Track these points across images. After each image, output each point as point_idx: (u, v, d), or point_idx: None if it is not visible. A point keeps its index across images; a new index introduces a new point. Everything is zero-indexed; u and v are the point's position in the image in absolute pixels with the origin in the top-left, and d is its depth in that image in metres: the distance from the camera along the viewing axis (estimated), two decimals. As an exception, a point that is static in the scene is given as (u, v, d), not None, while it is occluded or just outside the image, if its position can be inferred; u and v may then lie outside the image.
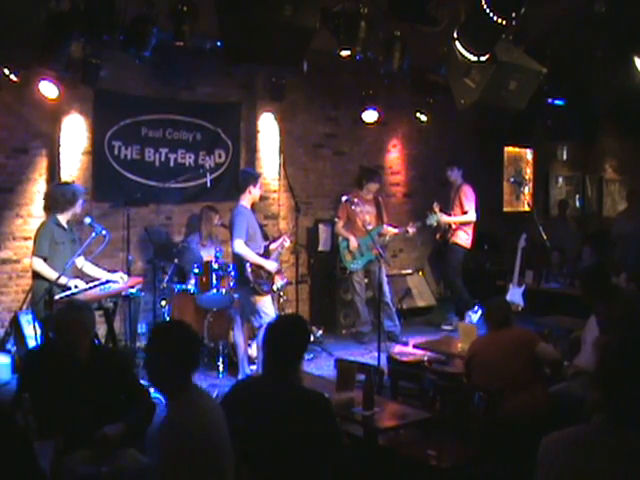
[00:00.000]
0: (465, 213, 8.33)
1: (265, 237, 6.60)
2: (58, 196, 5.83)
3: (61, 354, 3.78)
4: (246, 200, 6.34)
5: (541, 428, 3.43)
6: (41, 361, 3.87)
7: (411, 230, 8.05)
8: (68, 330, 3.75)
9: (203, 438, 2.86)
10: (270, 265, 6.30)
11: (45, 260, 5.63)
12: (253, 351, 6.61)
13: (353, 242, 8.10)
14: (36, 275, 5.69)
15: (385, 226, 8.11)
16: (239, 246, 6.14)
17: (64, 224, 5.83)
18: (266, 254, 6.38)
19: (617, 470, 2.36)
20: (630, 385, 2.43)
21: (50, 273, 5.58)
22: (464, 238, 8.37)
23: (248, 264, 6.16)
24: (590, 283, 5.09)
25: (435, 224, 8.17)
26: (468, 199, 8.32)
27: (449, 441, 4.17)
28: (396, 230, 8.13)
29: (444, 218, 8.31)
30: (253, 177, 6.46)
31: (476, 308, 8.29)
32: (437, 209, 8.30)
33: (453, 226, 8.41)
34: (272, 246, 6.52)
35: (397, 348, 7.57)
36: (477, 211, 8.39)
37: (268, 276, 6.33)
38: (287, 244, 6.84)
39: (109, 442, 3.45)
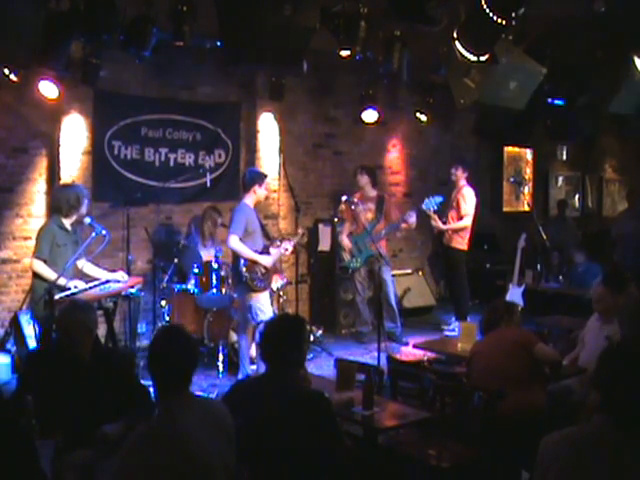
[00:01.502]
0: (461, 218, 8.25)
1: (267, 237, 6.58)
2: (62, 202, 5.79)
3: (63, 354, 3.79)
4: (250, 199, 6.35)
5: (540, 427, 3.44)
6: (42, 362, 3.87)
7: (410, 221, 7.81)
8: (72, 330, 3.77)
9: (178, 455, 2.69)
10: (264, 260, 6.28)
11: (45, 262, 5.62)
12: (253, 351, 6.61)
13: (345, 242, 8.11)
14: (36, 275, 5.69)
15: (379, 222, 8.03)
16: (233, 241, 6.14)
17: (67, 226, 5.80)
18: (264, 253, 6.36)
19: (617, 470, 2.36)
20: (630, 386, 2.43)
21: (50, 274, 5.57)
22: (460, 241, 8.30)
23: (242, 260, 6.17)
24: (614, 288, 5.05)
25: (432, 209, 8.01)
26: (467, 203, 8.19)
27: (449, 441, 4.17)
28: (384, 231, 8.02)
29: (439, 226, 8.23)
30: (260, 177, 6.45)
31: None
32: (431, 213, 8.19)
33: (450, 231, 8.34)
34: (272, 250, 6.50)
35: (398, 348, 7.57)
36: (477, 214, 8.32)
37: (264, 273, 6.31)
38: (289, 249, 6.79)
39: (109, 440, 3.46)
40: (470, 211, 8.21)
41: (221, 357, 6.79)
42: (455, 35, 4.88)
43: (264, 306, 6.27)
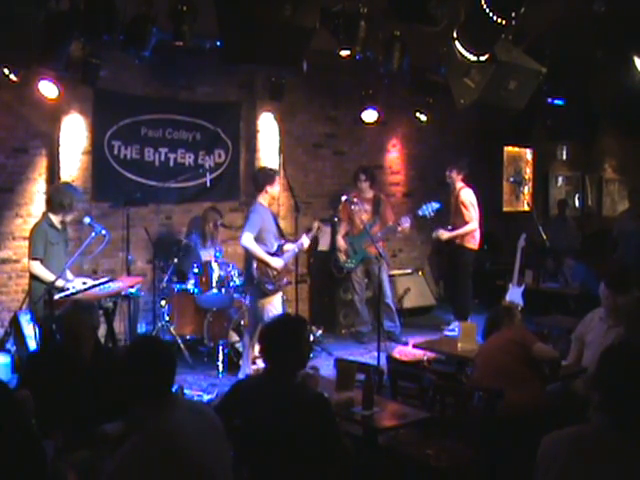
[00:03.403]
0: (466, 223, 8.24)
1: (282, 236, 6.55)
2: (56, 201, 5.83)
3: (66, 354, 3.80)
4: (263, 198, 6.36)
5: (540, 426, 3.44)
6: (43, 362, 3.88)
7: (404, 226, 7.84)
8: (77, 329, 3.79)
9: (174, 458, 2.66)
10: (276, 262, 6.26)
11: (41, 262, 5.63)
12: (256, 351, 6.60)
13: (341, 242, 8.13)
14: (33, 275, 5.70)
15: (375, 224, 8.02)
16: (247, 239, 6.13)
17: (57, 225, 5.83)
18: (279, 253, 6.34)
19: (617, 470, 2.36)
20: (629, 386, 2.43)
21: (48, 275, 5.58)
22: (471, 240, 8.30)
23: (255, 261, 6.16)
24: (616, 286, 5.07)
25: (428, 215, 8.00)
26: (468, 209, 8.14)
27: (449, 441, 4.17)
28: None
29: (445, 235, 8.20)
30: (270, 176, 6.44)
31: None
32: (440, 234, 8.18)
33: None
34: (288, 246, 6.49)
35: (397, 348, 7.57)
36: (481, 211, 8.28)
37: (275, 275, 6.28)
38: (306, 245, 6.61)
39: (109, 440, 3.46)
40: (474, 215, 8.18)
41: (221, 357, 6.79)
42: (455, 35, 4.88)
43: (277, 309, 6.25)
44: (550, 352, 4.74)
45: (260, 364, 6.13)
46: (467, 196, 8.21)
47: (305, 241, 6.59)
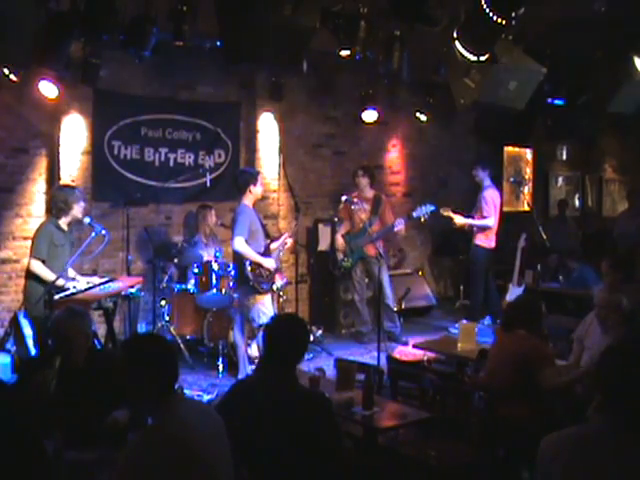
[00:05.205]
0: (483, 218, 8.31)
1: (267, 236, 6.61)
2: (52, 202, 5.87)
3: (59, 358, 3.81)
4: (248, 199, 6.36)
5: (537, 433, 3.42)
6: (42, 365, 3.90)
7: (399, 227, 7.89)
8: (70, 335, 3.80)
9: (180, 454, 2.66)
10: (268, 263, 6.30)
11: (44, 262, 5.63)
12: (253, 351, 6.61)
13: (339, 241, 8.16)
14: (30, 276, 5.69)
15: (373, 224, 8.03)
16: (239, 243, 6.14)
17: (64, 227, 5.83)
18: (267, 253, 6.38)
19: (617, 470, 2.36)
20: (629, 386, 2.43)
21: (48, 275, 5.57)
22: (483, 239, 8.38)
23: (248, 262, 6.17)
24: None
25: (423, 217, 8.01)
26: (487, 204, 8.30)
27: (449, 441, 4.17)
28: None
29: (459, 220, 8.28)
30: (252, 176, 6.47)
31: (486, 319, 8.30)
32: (449, 212, 8.25)
33: (474, 229, 8.40)
34: (273, 245, 6.53)
35: (397, 348, 7.57)
36: (501, 213, 8.37)
37: (268, 275, 6.33)
38: (289, 242, 6.86)
39: (119, 426, 3.48)
40: (491, 212, 8.30)
41: (221, 357, 6.79)
42: (455, 35, 4.88)
43: (267, 308, 6.27)
44: (555, 385, 4.42)
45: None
46: (488, 195, 8.38)
47: (288, 241, 6.78)
